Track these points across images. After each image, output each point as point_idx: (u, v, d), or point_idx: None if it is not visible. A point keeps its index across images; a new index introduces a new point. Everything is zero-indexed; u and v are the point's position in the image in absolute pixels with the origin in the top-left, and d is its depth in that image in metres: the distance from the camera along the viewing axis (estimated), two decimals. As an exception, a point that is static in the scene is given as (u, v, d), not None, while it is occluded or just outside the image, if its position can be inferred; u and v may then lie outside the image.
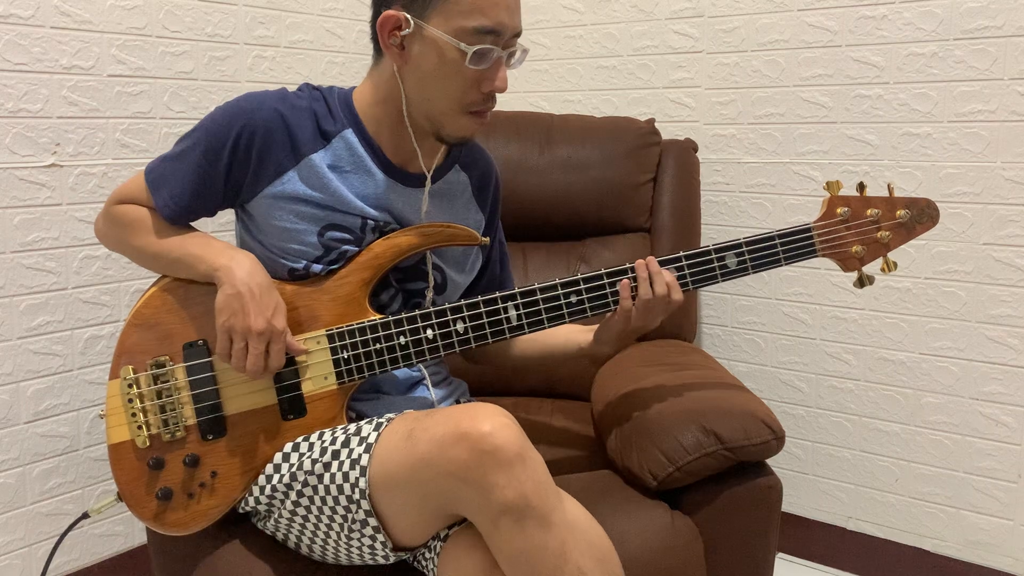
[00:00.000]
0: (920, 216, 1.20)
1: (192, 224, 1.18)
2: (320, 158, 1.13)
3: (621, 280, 1.15)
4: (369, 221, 1.15)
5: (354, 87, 1.19)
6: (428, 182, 1.19)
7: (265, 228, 1.14)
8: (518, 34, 1.09)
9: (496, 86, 1.08)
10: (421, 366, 1.24)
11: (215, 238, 1.13)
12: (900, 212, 1.20)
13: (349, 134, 1.14)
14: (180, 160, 1.13)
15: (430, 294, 1.21)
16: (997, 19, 1.62)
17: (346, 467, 1.00)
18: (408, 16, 1.05)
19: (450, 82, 1.07)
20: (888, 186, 1.22)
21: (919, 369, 1.78)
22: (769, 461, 1.30)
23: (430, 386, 1.24)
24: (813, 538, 1.94)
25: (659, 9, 2.00)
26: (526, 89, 2.24)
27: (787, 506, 1.98)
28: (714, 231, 2.00)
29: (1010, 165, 1.65)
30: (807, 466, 1.94)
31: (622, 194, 1.78)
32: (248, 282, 1.05)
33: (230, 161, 1.11)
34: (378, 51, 1.14)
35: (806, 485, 1.95)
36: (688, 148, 1.87)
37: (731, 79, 1.93)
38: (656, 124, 1.91)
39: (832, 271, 1.86)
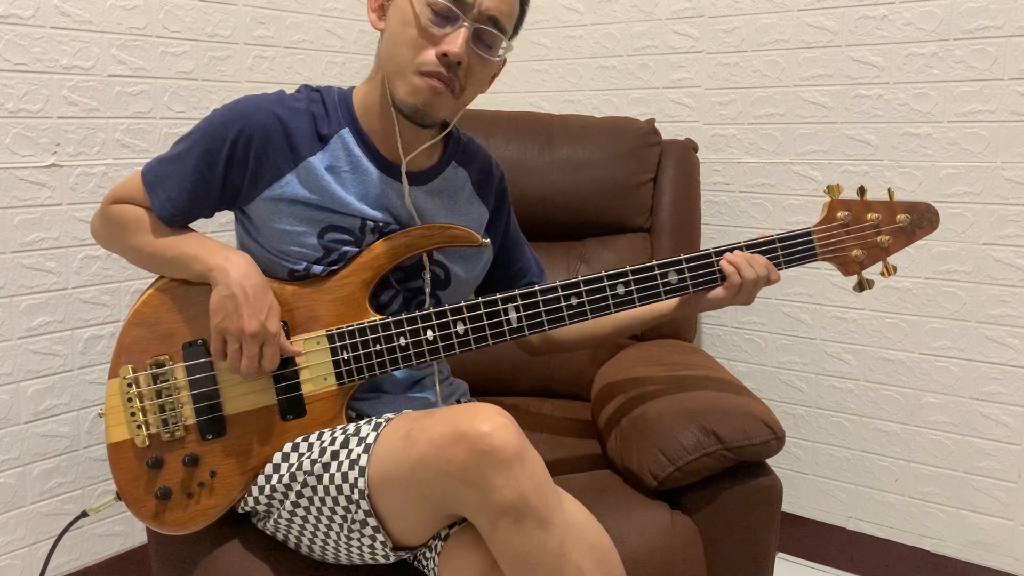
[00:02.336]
0: (920, 221, 1.21)
1: (189, 225, 1.18)
2: (318, 160, 1.13)
3: (723, 260, 1.17)
4: (368, 222, 1.15)
5: (354, 87, 1.19)
6: (404, 165, 1.17)
7: (264, 230, 1.14)
8: (493, 19, 1.07)
9: (446, 48, 1.05)
10: (422, 366, 1.24)
11: (210, 238, 1.13)
12: (900, 216, 1.20)
13: (346, 134, 1.14)
14: (177, 162, 1.13)
15: (428, 289, 1.21)
16: (997, 19, 1.62)
17: (345, 467, 1.00)
18: None
19: (406, 39, 1.07)
20: (888, 190, 1.22)
21: (919, 369, 1.78)
22: (769, 461, 1.30)
23: (431, 385, 1.24)
24: (813, 538, 1.94)
25: (659, 9, 2.00)
26: (526, 89, 2.24)
27: (787, 506, 1.98)
28: (714, 231, 2.00)
29: (1010, 165, 1.65)
30: (807, 466, 1.94)
31: (622, 194, 1.78)
32: (242, 283, 1.06)
33: (227, 164, 1.11)
34: None
35: (806, 485, 1.95)
36: (688, 148, 1.87)
37: (731, 79, 1.93)
38: (656, 124, 1.91)
39: (832, 271, 1.86)
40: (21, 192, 1.58)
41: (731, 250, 1.18)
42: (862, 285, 1.22)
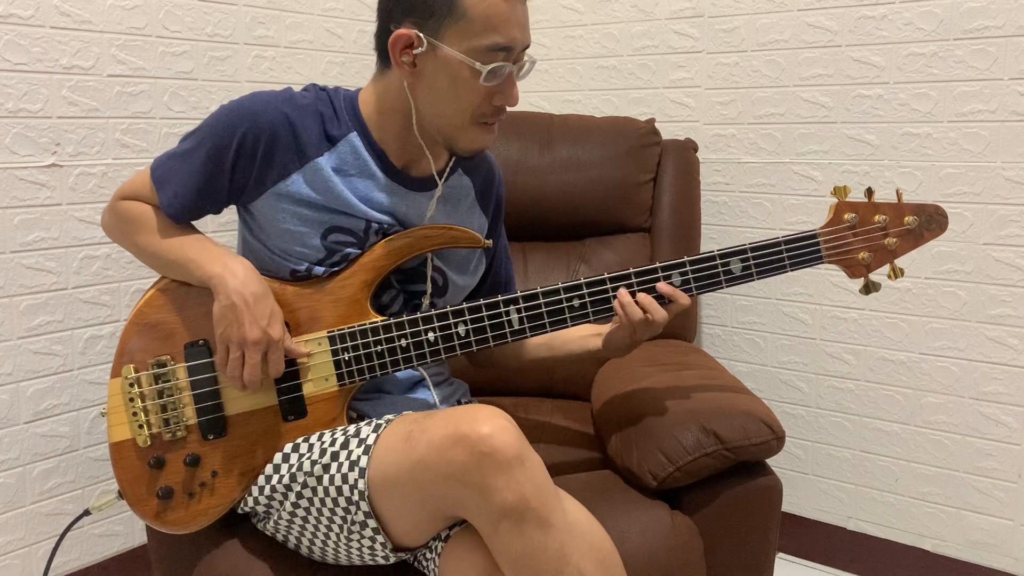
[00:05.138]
0: (929, 223, 1.18)
1: (195, 223, 1.18)
2: (325, 161, 1.13)
3: (616, 298, 1.14)
4: (373, 224, 1.15)
5: (359, 89, 1.18)
6: (440, 188, 1.19)
7: (267, 229, 1.14)
8: (527, 47, 1.09)
9: (509, 102, 1.09)
10: (422, 367, 1.24)
11: (213, 242, 1.13)
12: (908, 218, 1.17)
13: (354, 138, 1.14)
14: (185, 159, 1.13)
15: (427, 300, 1.21)
16: (997, 19, 1.62)
17: (345, 468, 1.00)
18: (421, 35, 1.05)
19: (463, 99, 1.07)
20: (897, 192, 1.21)
21: (919, 369, 1.78)
22: (769, 461, 1.30)
23: (431, 386, 1.24)
24: (813, 538, 1.94)
25: (659, 9, 2.00)
26: (526, 89, 2.24)
27: (787, 506, 1.98)
28: (714, 231, 2.01)
29: (1010, 165, 1.65)
30: (807, 466, 1.95)
31: (622, 194, 1.78)
32: (242, 291, 1.05)
33: (235, 162, 1.11)
34: (383, 62, 1.13)
35: (806, 485, 1.95)
36: (688, 148, 1.87)
37: (731, 79, 1.93)
38: (656, 124, 1.91)
39: (833, 271, 1.86)
40: (21, 192, 1.58)
41: (737, 253, 1.17)
42: (868, 288, 1.19)
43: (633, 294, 1.14)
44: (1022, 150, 1.63)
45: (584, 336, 1.29)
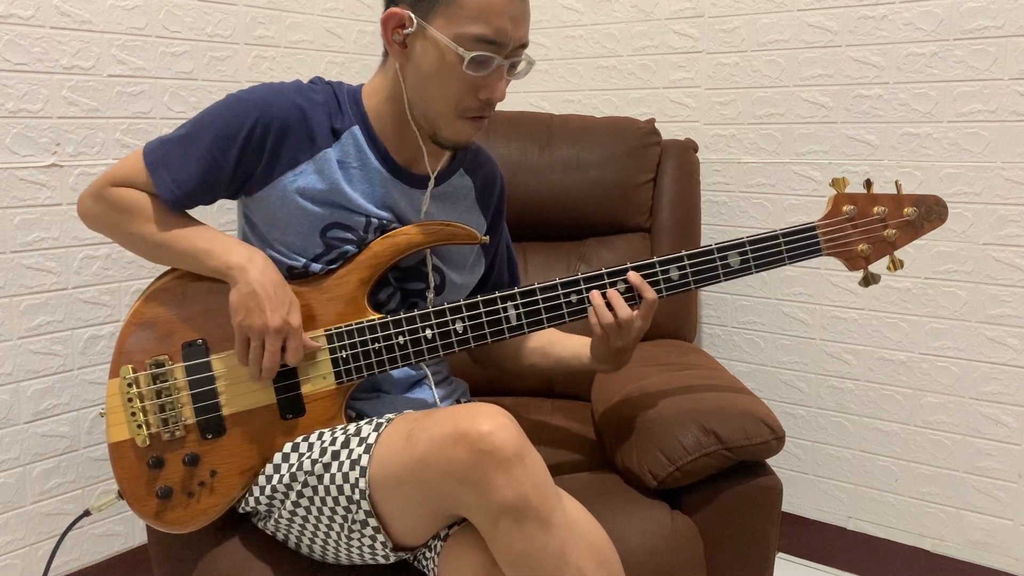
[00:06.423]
0: (928, 214, 1.17)
1: (191, 214, 1.16)
2: (333, 153, 1.13)
3: (588, 308, 1.14)
4: (373, 220, 1.14)
5: (363, 84, 1.18)
6: (431, 182, 1.19)
7: (268, 220, 1.13)
8: (524, 45, 1.08)
9: (494, 96, 1.07)
10: (422, 365, 1.24)
11: (222, 232, 1.12)
12: (908, 210, 1.17)
13: (356, 131, 1.14)
14: (185, 144, 1.10)
15: (431, 295, 1.21)
16: (997, 19, 1.62)
17: (346, 467, 1.00)
18: (412, 15, 1.05)
19: (447, 85, 1.07)
20: (896, 183, 1.20)
21: (919, 369, 1.78)
22: (769, 461, 1.30)
23: (431, 386, 1.24)
24: (813, 538, 1.94)
25: (659, 9, 2.00)
26: (526, 89, 2.24)
27: (787, 506, 1.98)
28: (714, 231, 2.00)
29: (1010, 165, 1.65)
30: (807, 466, 1.94)
31: (622, 194, 1.78)
32: (262, 280, 1.05)
33: (242, 151, 1.09)
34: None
35: (806, 485, 1.95)
36: (688, 148, 1.87)
37: (731, 79, 1.93)
38: (656, 124, 1.91)
39: (832, 271, 1.86)
40: (21, 192, 1.58)
41: (735, 246, 1.17)
42: (867, 280, 1.19)
43: (604, 292, 1.13)
44: (1022, 150, 1.63)
45: (578, 348, 1.28)
